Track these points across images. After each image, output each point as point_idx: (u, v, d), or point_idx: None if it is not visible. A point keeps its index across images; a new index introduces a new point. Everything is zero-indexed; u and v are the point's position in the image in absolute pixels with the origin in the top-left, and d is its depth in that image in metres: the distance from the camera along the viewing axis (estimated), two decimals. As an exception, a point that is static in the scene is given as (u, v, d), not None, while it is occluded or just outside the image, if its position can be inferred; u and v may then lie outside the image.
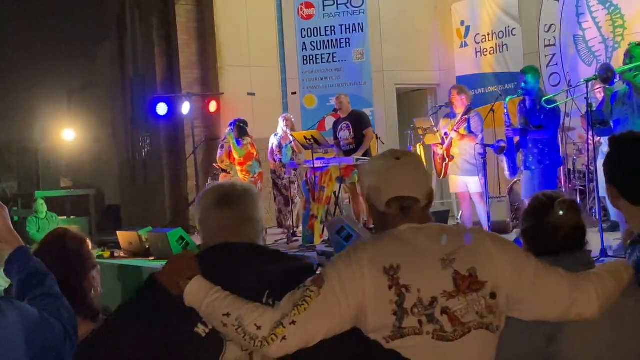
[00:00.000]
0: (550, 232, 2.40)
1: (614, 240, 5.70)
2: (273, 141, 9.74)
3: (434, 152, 7.92)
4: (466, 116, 7.62)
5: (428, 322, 1.96)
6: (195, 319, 1.99)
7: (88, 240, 2.84)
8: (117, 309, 2.17)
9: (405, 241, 2.05)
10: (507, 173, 7.20)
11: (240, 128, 9.54)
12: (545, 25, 10.92)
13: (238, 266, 2.09)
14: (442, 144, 7.72)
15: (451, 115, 7.79)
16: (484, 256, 2.04)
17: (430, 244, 2.04)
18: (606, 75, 5.75)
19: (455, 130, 7.56)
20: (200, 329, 2.00)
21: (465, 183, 7.68)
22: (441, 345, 1.96)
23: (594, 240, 5.28)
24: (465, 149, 7.55)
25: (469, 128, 7.57)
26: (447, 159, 7.60)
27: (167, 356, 2.00)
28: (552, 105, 6.65)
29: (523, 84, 6.85)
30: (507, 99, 7.22)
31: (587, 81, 5.88)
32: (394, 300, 1.96)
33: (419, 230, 2.08)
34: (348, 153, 8.66)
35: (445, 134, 7.68)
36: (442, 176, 7.79)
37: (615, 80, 5.85)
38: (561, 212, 2.38)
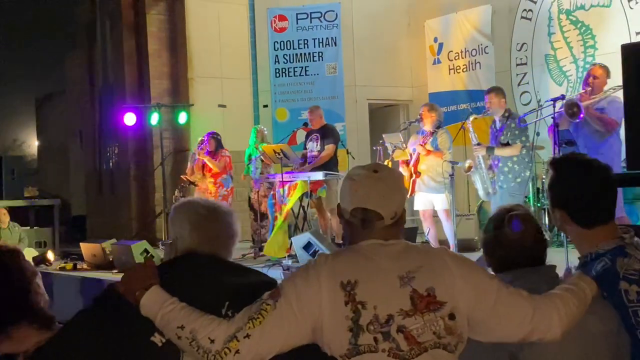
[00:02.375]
0: (504, 246, 2.41)
1: (577, 258, 5.76)
2: (249, 154, 9.78)
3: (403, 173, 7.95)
4: (433, 132, 7.65)
5: (384, 340, 1.96)
6: (152, 328, 1.99)
7: (21, 252, 2.82)
8: (74, 316, 2.15)
9: (366, 257, 2.06)
10: (480, 193, 7.24)
11: (217, 140, 9.52)
12: (518, 44, 11.06)
13: (199, 277, 2.11)
14: (410, 160, 7.74)
15: (421, 132, 7.82)
16: (444, 276, 2.04)
17: (390, 261, 2.05)
18: (572, 110, 5.85)
19: (422, 145, 7.58)
20: (157, 339, 2.01)
21: (430, 200, 7.67)
22: None
23: (557, 259, 5.36)
24: (431, 166, 7.55)
25: (434, 143, 7.59)
26: (414, 175, 7.61)
27: None
28: (525, 125, 6.75)
29: (487, 104, 6.95)
30: (471, 118, 7.29)
31: (554, 100, 5.98)
32: (350, 317, 1.96)
33: (381, 247, 2.08)
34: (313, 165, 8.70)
35: (414, 149, 7.71)
36: (410, 193, 7.79)
37: (581, 115, 5.90)
38: (523, 228, 2.39)
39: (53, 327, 2.57)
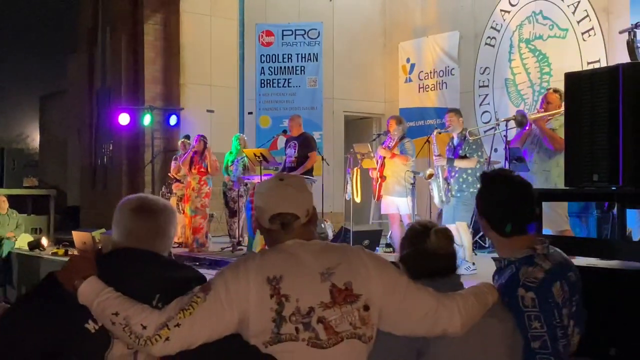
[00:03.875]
0: (426, 258, 2.42)
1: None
2: (228, 158, 9.73)
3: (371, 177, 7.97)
4: (399, 141, 7.69)
5: (304, 329, 1.98)
6: (86, 316, 1.98)
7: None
8: (15, 301, 2.15)
9: (290, 254, 2.08)
10: (436, 200, 7.27)
11: (205, 143, 9.51)
12: (481, 67, 11.15)
13: (133, 270, 2.09)
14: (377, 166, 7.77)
15: (387, 143, 7.84)
16: (360, 272, 2.07)
17: (312, 258, 2.07)
18: (521, 120, 5.93)
19: (389, 148, 7.60)
20: (90, 326, 2.00)
21: (396, 204, 7.70)
22: (315, 352, 1.99)
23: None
24: (396, 172, 7.57)
25: (401, 148, 7.62)
26: (380, 179, 7.63)
27: (57, 348, 1.99)
28: (475, 137, 6.82)
29: (448, 122, 7.01)
30: (435, 132, 7.34)
31: (506, 121, 6.04)
32: (274, 308, 1.98)
33: (303, 245, 2.11)
34: (290, 170, 8.68)
35: (380, 157, 7.73)
36: (376, 198, 7.82)
37: (527, 126, 6.02)
38: (437, 241, 2.41)
39: None
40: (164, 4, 12.42)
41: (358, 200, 8.35)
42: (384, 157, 7.62)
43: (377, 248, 8.26)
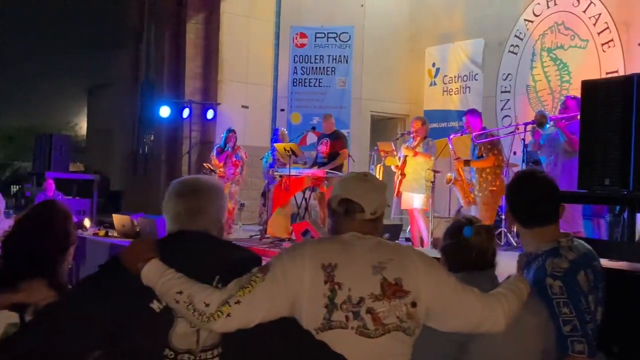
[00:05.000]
0: (466, 252, 2.42)
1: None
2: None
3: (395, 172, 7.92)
4: (423, 141, 7.63)
5: (353, 318, 1.97)
6: (150, 296, 1.97)
7: (72, 216, 2.76)
8: (82, 280, 2.12)
9: (346, 244, 2.07)
10: (462, 202, 7.22)
11: (236, 137, 9.53)
12: (504, 74, 11.03)
13: (193, 252, 2.07)
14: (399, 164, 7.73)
15: (409, 142, 7.78)
16: (411, 270, 2.06)
17: (366, 251, 2.06)
18: (541, 120, 5.85)
19: (412, 148, 7.55)
20: (155, 305, 1.98)
21: (412, 200, 7.65)
22: (362, 341, 1.97)
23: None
24: (417, 170, 7.51)
25: (424, 148, 7.57)
26: (401, 177, 7.58)
27: (124, 326, 1.97)
28: (489, 139, 6.75)
29: (465, 125, 6.95)
30: (451, 136, 7.26)
31: (525, 124, 5.97)
32: (327, 295, 1.97)
33: (360, 239, 2.10)
34: (320, 165, 8.72)
35: (402, 155, 7.67)
36: (396, 194, 7.77)
37: (547, 126, 5.95)
38: (477, 236, 2.41)
39: (63, 290, 2.54)
40: (206, 4, 12.48)
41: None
42: (406, 156, 7.57)
43: (396, 241, 8.22)
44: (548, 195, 2.52)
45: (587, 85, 3.68)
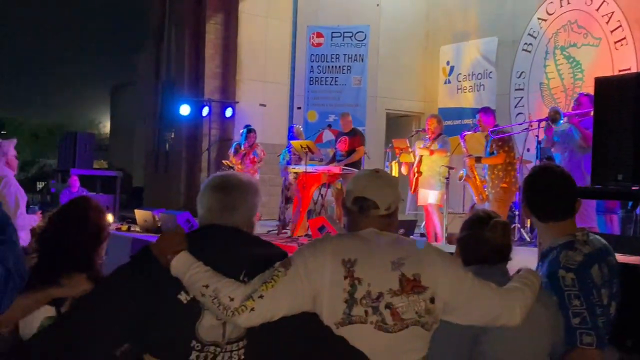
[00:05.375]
0: (481, 245, 2.41)
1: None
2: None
3: (410, 170, 7.89)
4: (436, 138, 7.59)
5: (373, 313, 1.97)
6: (178, 287, 1.97)
7: (107, 213, 2.75)
8: (114, 271, 2.12)
9: (365, 241, 2.07)
10: (475, 199, 7.18)
11: (255, 136, 9.54)
12: (517, 72, 10.95)
13: (221, 247, 2.06)
14: (414, 161, 7.69)
15: (425, 139, 7.76)
16: (429, 266, 2.05)
17: (385, 247, 2.06)
18: (554, 116, 5.80)
19: (427, 147, 7.52)
20: (183, 296, 1.98)
21: (428, 196, 7.62)
22: (381, 335, 1.97)
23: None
24: (432, 167, 7.47)
25: (439, 145, 7.53)
26: (417, 174, 7.56)
27: (152, 316, 1.97)
28: (500, 136, 6.69)
29: (477, 123, 6.90)
30: (464, 133, 7.21)
31: (539, 120, 5.92)
32: (347, 290, 1.97)
33: (378, 235, 2.10)
34: (339, 162, 8.72)
35: (417, 153, 7.65)
36: (412, 190, 7.75)
37: (561, 121, 5.89)
38: (493, 232, 2.40)
39: (100, 281, 2.56)
40: (225, 5, 12.50)
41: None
42: (422, 155, 7.54)
43: (411, 237, 8.17)
44: (565, 190, 2.49)
45: (600, 82, 3.64)
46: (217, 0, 12.50)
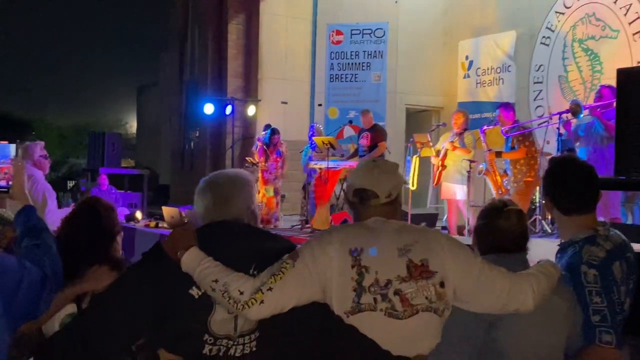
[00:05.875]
0: (496, 233, 2.36)
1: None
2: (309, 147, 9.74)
3: (432, 163, 7.81)
4: (461, 133, 7.52)
5: (382, 300, 1.94)
6: (190, 282, 1.96)
7: (115, 208, 2.79)
8: (127, 268, 2.14)
9: (371, 229, 2.05)
10: (493, 193, 7.09)
11: (279, 135, 9.55)
12: (536, 65, 10.80)
13: (231, 241, 2.06)
14: (438, 155, 7.62)
15: (452, 133, 7.63)
16: (436, 251, 2.02)
17: (391, 234, 2.03)
18: (575, 109, 5.70)
19: (451, 142, 7.45)
20: (194, 291, 1.97)
21: (454, 191, 7.52)
22: (392, 322, 1.94)
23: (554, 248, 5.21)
24: (456, 161, 7.40)
25: (462, 142, 7.46)
26: (441, 168, 7.48)
27: (165, 311, 1.97)
28: (524, 130, 6.60)
29: (497, 118, 6.81)
30: (484, 128, 7.12)
31: (560, 113, 5.83)
32: (355, 279, 1.95)
33: (383, 223, 2.07)
34: (362, 158, 8.74)
35: (443, 146, 7.57)
36: (435, 184, 7.66)
37: (581, 115, 5.79)
38: (507, 220, 2.34)
39: (122, 269, 2.59)
40: (246, 5, 12.51)
41: (414, 188, 8.19)
42: (447, 149, 7.47)
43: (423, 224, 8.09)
44: (589, 182, 2.43)
45: (622, 73, 3.56)
46: (239, 1, 12.53)
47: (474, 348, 2.21)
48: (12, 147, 2.01)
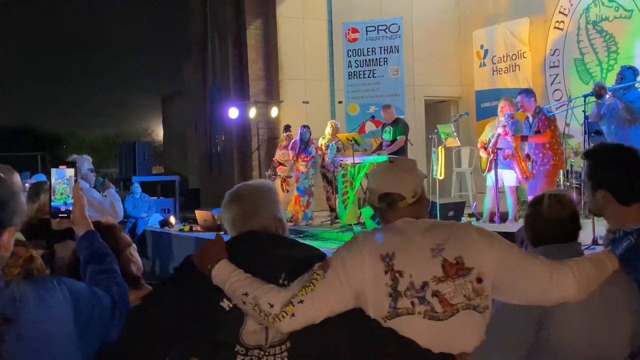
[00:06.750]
0: (540, 221, 2.23)
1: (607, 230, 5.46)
2: (322, 142, 9.61)
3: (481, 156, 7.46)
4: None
5: (420, 303, 1.85)
6: (221, 295, 1.91)
7: (118, 226, 2.70)
8: (159, 283, 2.11)
9: (400, 233, 1.95)
10: (519, 176, 6.89)
11: (310, 133, 9.49)
12: (551, 50, 10.59)
13: (260, 252, 2.00)
14: (486, 148, 7.20)
15: (511, 122, 7.18)
16: (470, 246, 1.91)
17: (421, 235, 1.93)
18: (599, 92, 5.52)
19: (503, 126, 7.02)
20: (225, 304, 1.92)
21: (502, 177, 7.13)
22: (433, 324, 1.85)
23: (586, 230, 5.06)
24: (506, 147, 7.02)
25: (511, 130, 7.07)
26: (493, 155, 6.95)
27: (197, 324, 1.93)
28: (550, 114, 6.43)
29: (519, 104, 6.62)
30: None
31: (585, 96, 5.65)
32: (389, 284, 1.86)
33: (412, 224, 1.97)
34: (384, 151, 8.66)
35: (493, 135, 7.10)
36: (488, 169, 7.22)
37: (606, 97, 5.60)
38: (550, 206, 2.21)
39: (141, 287, 2.50)
40: (263, 10, 12.43)
41: (441, 177, 8.00)
42: (499, 135, 7.07)
43: (462, 218, 7.95)
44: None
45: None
46: (255, 6, 12.45)
47: (523, 347, 2.08)
48: (71, 170, 1.93)
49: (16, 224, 1.54)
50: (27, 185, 4.00)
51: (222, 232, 2.20)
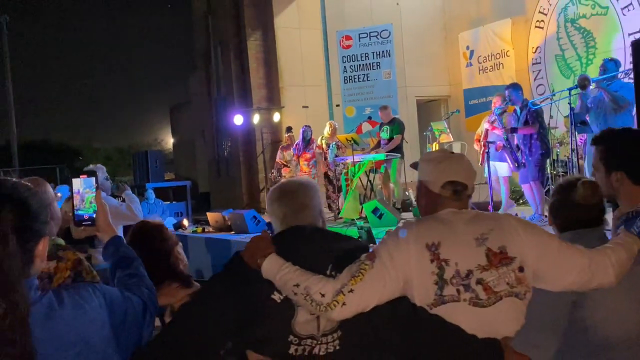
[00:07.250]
0: (571, 209, 2.17)
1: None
2: (321, 141, 9.56)
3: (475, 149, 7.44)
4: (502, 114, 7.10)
5: (465, 290, 1.81)
6: (271, 288, 1.87)
7: (165, 226, 2.67)
8: (210, 279, 2.04)
9: (445, 223, 1.89)
10: (511, 166, 6.86)
11: (311, 133, 9.47)
12: (533, 47, 10.53)
13: (306, 245, 1.96)
14: (481, 139, 7.16)
15: (511, 115, 7.19)
16: (512, 236, 1.87)
17: (466, 225, 1.88)
18: (583, 83, 5.47)
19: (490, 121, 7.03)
20: (276, 296, 1.88)
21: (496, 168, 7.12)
22: (477, 311, 1.81)
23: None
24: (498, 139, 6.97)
25: (500, 124, 6.99)
26: (483, 147, 6.98)
27: (250, 317, 1.88)
28: (536, 107, 6.38)
29: (508, 98, 6.58)
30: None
31: (569, 89, 5.61)
32: (435, 272, 1.81)
33: (457, 214, 1.92)
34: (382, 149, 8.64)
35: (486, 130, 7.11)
36: (481, 162, 7.23)
37: (590, 88, 5.56)
38: (584, 191, 2.15)
39: (191, 285, 2.49)
40: (261, 22, 12.39)
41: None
42: (487, 129, 7.07)
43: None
44: None
45: (636, 45, 3.36)
46: (254, 19, 12.40)
47: (559, 329, 2.04)
48: (93, 179, 1.87)
49: (51, 233, 1.49)
50: (59, 194, 3.97)
51: (233, 232, 2.14)
